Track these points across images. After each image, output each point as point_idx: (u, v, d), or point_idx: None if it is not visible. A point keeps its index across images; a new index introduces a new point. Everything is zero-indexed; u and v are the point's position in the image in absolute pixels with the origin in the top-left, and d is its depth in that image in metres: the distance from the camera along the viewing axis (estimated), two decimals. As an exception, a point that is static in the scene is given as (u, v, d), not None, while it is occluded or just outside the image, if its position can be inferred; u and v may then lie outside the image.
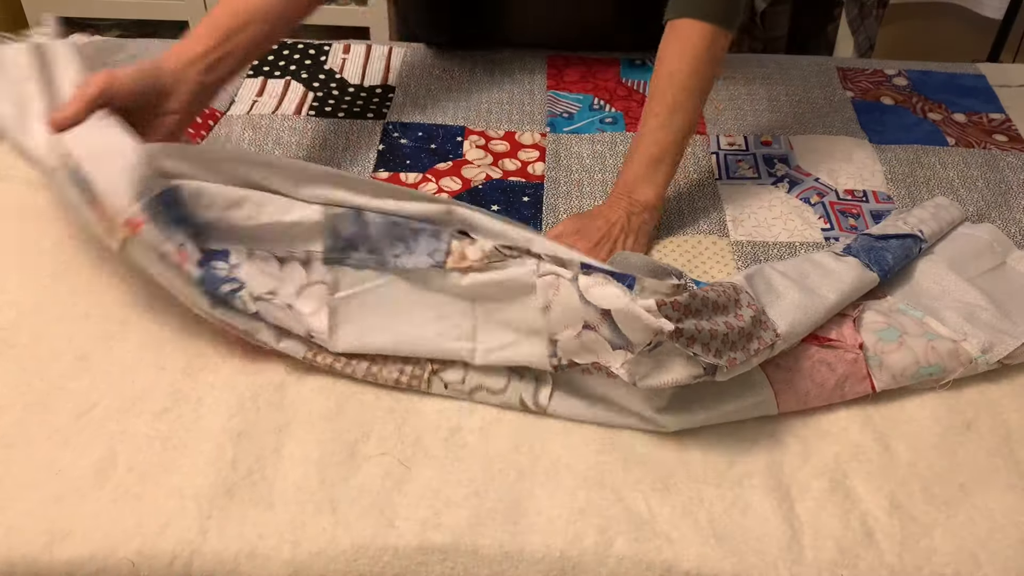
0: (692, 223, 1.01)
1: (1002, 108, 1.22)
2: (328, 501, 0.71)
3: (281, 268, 0.80)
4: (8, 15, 2.25)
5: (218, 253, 0.79)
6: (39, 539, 0.68)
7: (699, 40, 0.95)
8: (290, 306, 0.79)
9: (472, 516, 0.70)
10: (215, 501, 0.71)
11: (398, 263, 0.78)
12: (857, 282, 0.85)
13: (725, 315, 0.75)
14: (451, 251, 0.77)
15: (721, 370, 0.73)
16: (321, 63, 1.29)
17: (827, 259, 0.88)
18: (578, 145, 1.14)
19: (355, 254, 0.78)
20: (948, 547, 0.69)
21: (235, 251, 0.79)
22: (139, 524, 0.69)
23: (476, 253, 0.76)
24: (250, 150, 1.08)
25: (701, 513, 0.71)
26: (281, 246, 0.80)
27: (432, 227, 0.77)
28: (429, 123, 1.17)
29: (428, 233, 0.77)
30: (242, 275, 0.79)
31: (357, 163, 1.10)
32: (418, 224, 0.77)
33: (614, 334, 0.73)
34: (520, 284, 0.76)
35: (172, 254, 0.76)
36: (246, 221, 0.78)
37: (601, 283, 0.72)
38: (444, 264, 0.76)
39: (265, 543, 0.69)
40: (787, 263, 0.88)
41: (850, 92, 1.25)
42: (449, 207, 0.78)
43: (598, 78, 1.28)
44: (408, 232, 0.77)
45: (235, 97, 1.21)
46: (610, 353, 0.73)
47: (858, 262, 0.87)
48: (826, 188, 1.06)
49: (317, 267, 0.79)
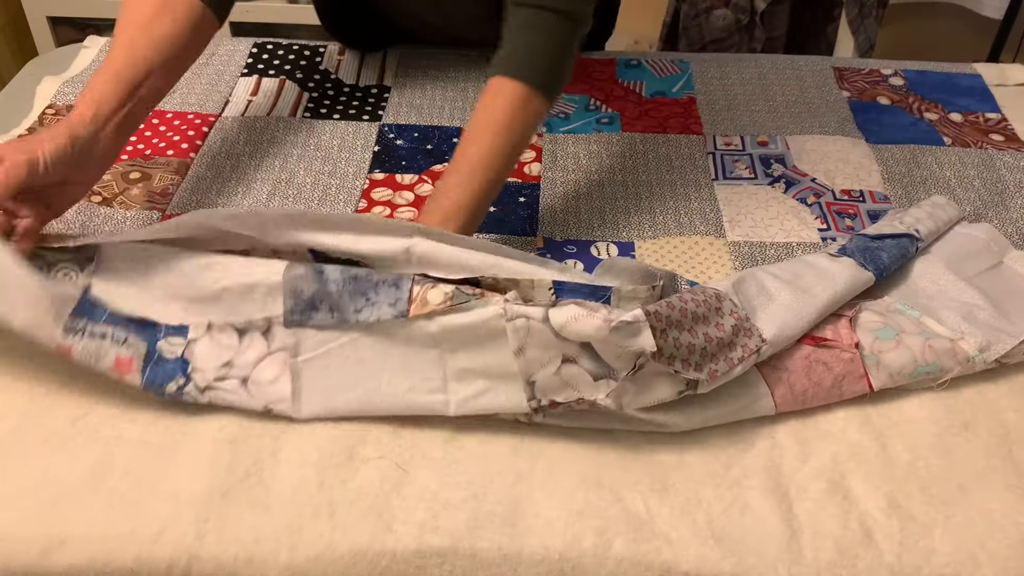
0: (688, 224, 1.00)
1: (998, 107, 1.22)
2: (326, 504, 0.71)
3: (240, 340, 0.78)
4: (8, 15, 2.24)
5: (176, 328, 0.78)
6: (36, 546, 0.68)
7: (515, 99, 0.89)
8: (246, 380, 0.76)
9: (470, 519, 0.70)
10: (211, 505, 0.70)
11: (360, 318, 0.75)
12: (852, 281, 0.84)
13: (706, 325, 0.75)
14: (413, 298, 0.74)
15: (703, 383, 0.73)
16: (316, 64, 1.29)
17: (821, 260, 0.88)
18: (575, 145, 1.14)
19: (316, 315, 0.76)
20: (947, 547, 0.69)
21: (194, 326, 0.78)
22: (135, 530, 0.69)
23: (438, 296, 0.74)
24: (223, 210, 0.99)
25: (700, 514, 0.71)
26: (242, 312, 0.77)
27: (392, 276, 0.75)
28: (425, 124, 1.17)
29: (388, 283, 0.75)
30: (196, 355, 0.77)
31: (352, 164, 1.09)
32: (377, 276, 0.75)
33: (595, 364, 0.72)
34: (489, 328, 0.73)
35: (111, 370, 0.75)
36: (213, 284, 0.77)
37: (576, 316, 0.70)
38: (407, 313, 0.74)
39: (262, 547, 0.68)
40: (781, 265, 0.88)
41: (846, 92, 1.25)
42: (409, 246, 0.76)
43: (593, 78, 1.28)
44: (368, 286, 0.75)
45: (229, 97, 1.21)
46: (592, 385, 0.72)
47: (853, 262, 0.87)
48: (823, 188, 1.06)
49: (278, 333, 0.77)
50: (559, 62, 0.91)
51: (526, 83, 0.89)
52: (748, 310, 0.80)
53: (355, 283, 0.75)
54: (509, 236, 0.98)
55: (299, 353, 0.77)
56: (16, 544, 0.68)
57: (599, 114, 1.20)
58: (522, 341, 0.72)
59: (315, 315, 0.76)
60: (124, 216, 0.99)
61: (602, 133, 1.16)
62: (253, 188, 1.05)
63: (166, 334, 0.77)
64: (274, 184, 1.06)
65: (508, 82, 0.89)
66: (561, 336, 0.71)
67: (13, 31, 2.25)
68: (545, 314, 0.71)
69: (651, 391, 0.73)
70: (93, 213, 0.99)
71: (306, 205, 1.02)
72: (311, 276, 0.75)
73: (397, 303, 0.74)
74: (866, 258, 0.87)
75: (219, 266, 0.77)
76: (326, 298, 0.76)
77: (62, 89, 1.21)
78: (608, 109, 1.21)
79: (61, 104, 1.18)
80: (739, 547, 0.69)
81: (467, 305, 0.73)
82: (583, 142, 1.14)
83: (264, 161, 1.09)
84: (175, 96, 1.21)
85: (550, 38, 0.90)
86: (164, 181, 1.05)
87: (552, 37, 0.91)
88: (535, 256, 0.81)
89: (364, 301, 0.75)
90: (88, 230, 0.97)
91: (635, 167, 1.10)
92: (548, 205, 1.04)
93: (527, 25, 0.90)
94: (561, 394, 0.73)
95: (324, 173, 1.08)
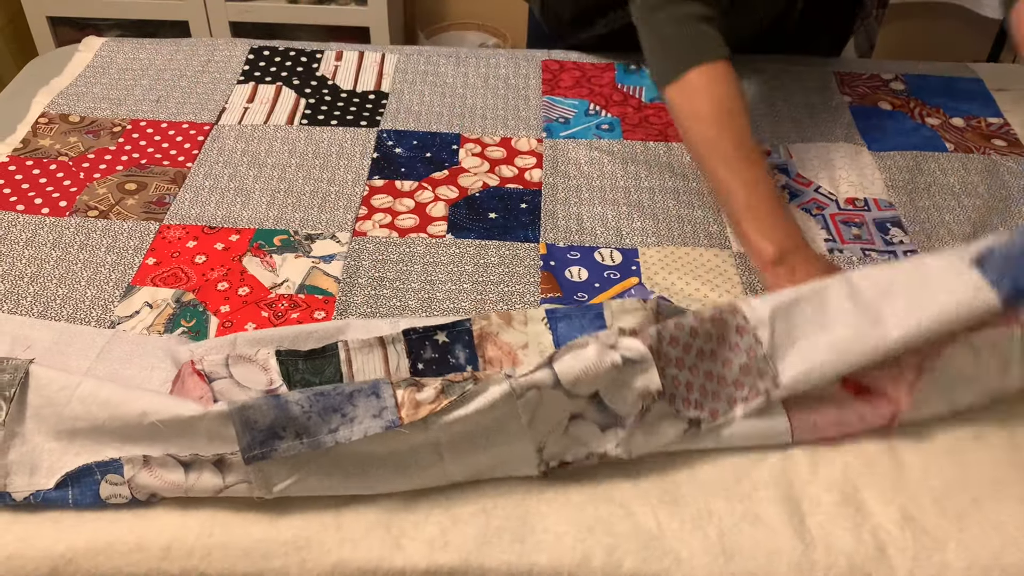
0: (693, 235, 1.00)
1: (1000, 112, 1.21)
2: (333, 518, 0.70)
3: (187, 474, 0.68)
4: (8, 15, 2.22)
5: (109, 463, 0.69)
6: (44, 566, 0.67)
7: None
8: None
9: (479, 535, 0.69)
10: (217, 518, 0.69)
11: (339, 437, 0.66)
12: (956, 309, 0.69)
13: (711, 362, 0.73)
14: (400, 403, 0.67)
15: (705, 421, 0.72)
16: (313, 70, 1.28)
17: (942, 268, 0.73)
18: (575, 150, 1.13)
19: (281, 444, 0.66)
20: (961, 562, 0.68)
21: (129, 462, 0.69)
22: (140, 545, 0.68)
23: (429, 394, 0.67)
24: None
25: (711, 528, 0.70)
26: (185, 446, 0.69)
27: (366, 385, 0.67)
28: (424, 131, 1.16)
29: (365, 393, 0.67)
30: (137, 495, 0.69)
31: (351, 171, 1.08)
32: (349, 387, 0.67)
33: (602, 414, 0.70)
34: (496, 414, 0.67)
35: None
36: (140, 419, 0.68)
37: (585, 369, 0.67)
38: (399, 421, 0.66)
39: (270, 564, 0.67)
40: (886, 269, 0.76)
41: (848, 97, 1.25)
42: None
43: (593, 83, 1.27)
44: (342, 399, 0.66)
45: (225, 104, 1.20)
46: (600, 437, 0.71)
47: (981, 278, 0.70)
48: (826, 199, 1.05)
49: (236, 468, 0.68)
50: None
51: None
52: (780, 344, 0.73)
53: (324, 399, 0.66)
54: (511, 243, 0.97)
55: (271, 487, 0.68)
56: (24, 563, 0.67)
57: (599, 119, 1.19)
58: (533, 411, 0.69)
59: (280, 444, 0.66)
60: (121, 228, 0.97)
61: (603, 139, 1.15)
62: (252, 197, 1.03)
63: (100, 473, 0.69)
64: (272, 193, 1.04)
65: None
66: (572, 393, 0.69)
67: (13, 31, 2.24)
68: (554, 377, 0.67)
69: (657, 435, 0.72)
70: (91, 228, 0.97)
71: (305, 213, 1.01)
72: (265, 405, 0.66)
73: (383, 412, 0.66)
74: (1005, 275, 0.70)
75: (141, 398, 0.68)
76: (290, 423, 0.66)
77: (56, 100, 1.19)
78: (607, 114, 1.20)
79: (55, 113, 1.16)
80: (750, 564, 0.68)
81: (466, 396, 0.67)
82: (584, 147, 1.13)
83: (263, 171, 1.08)
84: (171, 105, 1.19)
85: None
86: (160, 191, 1.04)
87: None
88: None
89: (340, 418, 0.66)
90: (86, 247, 0.95)
91: (637, 173, 1.09)
92: (550, 211, 1.03)
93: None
94: (570, 452, 0.71)
95: (323, 180, 1.07)
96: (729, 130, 0.89)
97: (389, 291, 0.91)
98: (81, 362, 0.78)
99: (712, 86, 0.91)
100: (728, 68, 0.91)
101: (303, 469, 0.68)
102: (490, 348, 0.76)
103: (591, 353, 0.68)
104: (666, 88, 0.94)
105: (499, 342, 0.76)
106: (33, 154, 1.09)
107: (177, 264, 0.93)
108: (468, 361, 0.76)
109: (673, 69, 0.92)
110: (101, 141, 1.12)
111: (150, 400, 0.68)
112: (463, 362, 0.76)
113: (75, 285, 0.90)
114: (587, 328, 0.76)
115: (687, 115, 0.92)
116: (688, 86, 0.91)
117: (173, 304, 0.88)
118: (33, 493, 0.69)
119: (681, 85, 0.92)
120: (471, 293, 0.91)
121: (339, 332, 0.80)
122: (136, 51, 1.30)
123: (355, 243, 0.97)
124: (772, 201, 0.88)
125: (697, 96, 0.91)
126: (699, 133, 0.91)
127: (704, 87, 0.91)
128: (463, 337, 0.76)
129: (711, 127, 0.90)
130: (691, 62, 0.91)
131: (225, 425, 0.66)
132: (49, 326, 0.84)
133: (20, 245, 0.95)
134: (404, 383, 0.68)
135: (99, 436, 0.69)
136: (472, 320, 0.76)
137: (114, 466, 0.69)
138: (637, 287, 0.92)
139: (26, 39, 2.22)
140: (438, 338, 0.77)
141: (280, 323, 0.86)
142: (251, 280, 0.91)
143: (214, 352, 0.77)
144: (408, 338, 0.77)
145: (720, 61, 0.91)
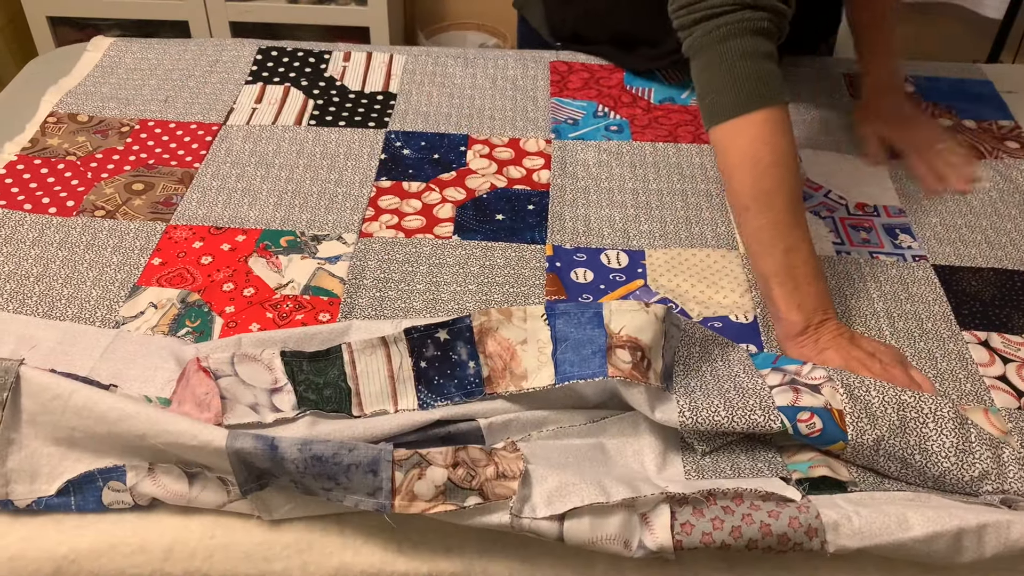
0: (699, 234, 0.99)
1: (1010, 115, 1.20)
2: (335, 522, 0.70)
3: (191, 486, 0.69)
4: (8, 15, 2.23)
5: (112, 470, 0.70)
6: (47, 567, 0.67)
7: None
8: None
9: (482, 541, 0.69)
10: (219, 520, 0.69)
11: (331, 497, 0.66)
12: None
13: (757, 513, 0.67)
14: (397, 488, 0.65)
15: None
16: (321, 71, 1.28)
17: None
18: (584, 152, 1.12)
19: (277, 480, 0.67)
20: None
21: (133, 469, 0.70)
22: (143, 546, 0.68)
23: (427, 490, 0.65)
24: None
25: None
26: (186, 462, 0.70)
27: (365, 457, 0.65)
28: (432, 132, 1.16)
29: (363, 468, 0.65)
30: (139, 502, 0.69)
31: (359, 172, 1.08)
32: (347, 457, 0.65)
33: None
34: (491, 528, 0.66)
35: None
36: (140, 441, 0.67)
37: (593, 540, 0.64)
38: (390, 507, 0.65)
39: (272, 567, 0.67)
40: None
41: (857, 99, 1.24)
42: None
43: (601, 84, 1.26)
44: (338, 470, 0.65)
45: (234, 104, 1.20)
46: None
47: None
48: (836, 203, 1.04)
49: (235, 492, 0.69)
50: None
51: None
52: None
53: (320, 465, 0.65)
54: (518, 244, 0.97)
55: (271, 512, 0.69)
56: (27, 564, 0.67)
57: (607, 121, 1.19)
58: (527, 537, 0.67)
59: (275, 480, 0.67)
60: (127, 228, 0.98)
61: (612, 141, 1.15)
62: (259, 198, 1.03)
63: (103, 479, 0.70)
64: (279, 194, 1.04)
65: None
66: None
67: (13, 31, 2.25)
68: (559, 533, 0.65)
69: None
70: (97, 228, 0.98)
71: (312, 214, 1.01)
72: (262, 452, 0.65)
73: (377, 493, 0.65)
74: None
75: (139, 418, 0.67)
76: (284, 475, 0.66)
77: (65, 99, 1.19)
78: (616, 116, 1.20)
79: (63, 112, 1.17)
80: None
81: (464, 513, 0.65)
82: (592, 149, 1.13)
83: (270, 171, 1.08)
84: (179, 105, 1.19)
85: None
86: (168, 191, 1.04)
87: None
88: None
89: (333, 484, 0.66)
90: (92, 247, 0.96)
91: (645, 175, 1.09)
92: (557, 213, 1.02)
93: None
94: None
95: (331, 181, 1.06)
96: (787, 185, 0.84)
97: (394, 292, 0.90)
98: (85, 361, 0.78)
99: (776, 135, 0.85)
100: (788, 115, 0.86)
101: (301, 498, 0.69)
102: (490, 343, 0.77)
103: (611, 529, 0.65)
104: (722, 123, 0.87)
105: (499, 338, 0.77)
106: (41, 153, 1.09)
107: (183, 264, 0.93)
108: (470, 357, 0.77)
109: (737, 106, 0.85)
110: (109, 141, 1.12)
111: (148, 421, 0.66)
112: (465, 358, 0.77)
113: (81, 285, 0.90)
114: (584, 326, 0.75)
115: (744, 158, 0.85)
116: (752, 127, 0.85)
117: (178, 304, 0.88)
118: (35, 500, 0.69)
119: (742, 125, 0.85)
120: (476, 295, 0.90)
121: (343, 334, 0.80)
122: (144, 51, 1.31)
123: (361, 244, 0.97)
124: (809, 268, 0.84)
125: (759, 141, 0.85)
126: (753, 181, 0.85)
127: (769, 133, 0.85)
128: (464, 334, 0.77)
129: (768, 179, 0.84)
130: (759, 103, 0.85)
131: (222, 459, 0.66)
132: (54, 326, 0.84)
133: (27, 245, 0.95)
134: (408, 463, 0.66)
135: (98, 445, 0.69)
136: (472, 316, 0.76)
137: (117, 473, 0.69)
138: (642, 289, 0.91)
139: (26, 39, 2.23)
140: (439, 336, 0.77)
141: (284, 324, 0.86)
142: (256, 281, 0.91)
143: (219, 351, 0.78)
144: (410, 337, 0.77)
145: (784, 107, 0.86)
